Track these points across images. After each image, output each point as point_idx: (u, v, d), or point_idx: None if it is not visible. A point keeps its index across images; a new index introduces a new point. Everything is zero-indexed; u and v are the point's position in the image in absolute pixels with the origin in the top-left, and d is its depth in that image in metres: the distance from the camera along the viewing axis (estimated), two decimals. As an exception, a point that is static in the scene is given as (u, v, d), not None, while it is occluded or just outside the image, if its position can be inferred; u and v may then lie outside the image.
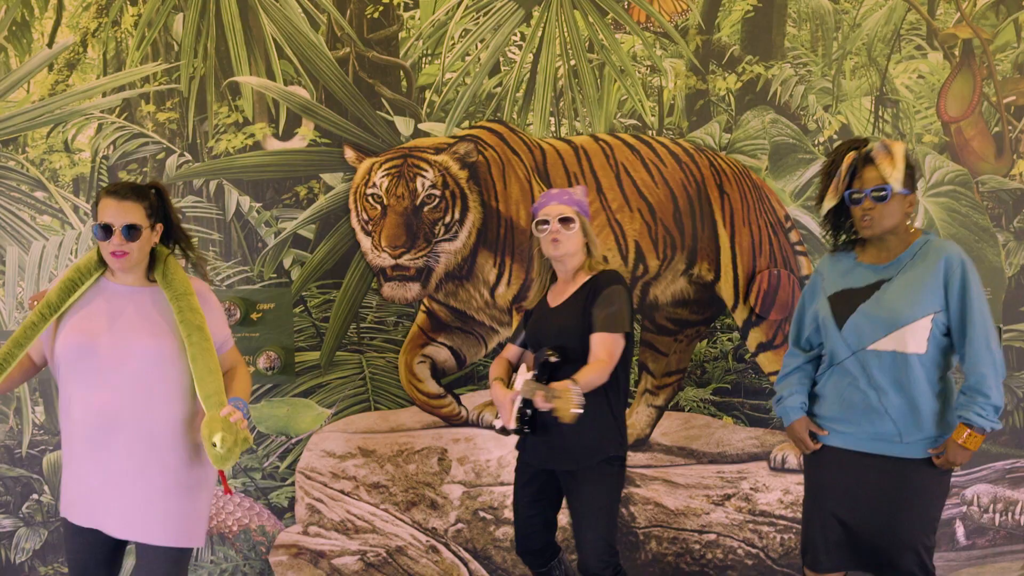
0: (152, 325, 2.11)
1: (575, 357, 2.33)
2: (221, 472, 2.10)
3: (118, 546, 2.19)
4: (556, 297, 2.47)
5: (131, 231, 2.06)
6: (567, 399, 2.10)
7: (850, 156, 2.23)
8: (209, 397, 2.07)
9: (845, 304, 2.26)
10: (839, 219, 2.33)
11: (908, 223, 2.25)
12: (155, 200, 2.14)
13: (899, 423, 2.20)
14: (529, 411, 2.30)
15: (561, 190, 2.48)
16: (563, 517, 3.06)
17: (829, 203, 2.26)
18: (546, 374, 2.31)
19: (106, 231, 2.05)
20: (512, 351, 2.59)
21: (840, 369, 2.28)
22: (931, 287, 2.17)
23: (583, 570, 2.42)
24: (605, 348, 2.32)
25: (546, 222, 2.42)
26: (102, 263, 2.13)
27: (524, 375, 2.37)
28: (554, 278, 2.54)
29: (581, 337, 2.36)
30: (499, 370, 2.54)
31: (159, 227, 2.15)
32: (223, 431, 2.00)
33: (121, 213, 2.06)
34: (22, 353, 2.07)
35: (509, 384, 2.48)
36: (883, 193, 2.17)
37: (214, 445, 1.99)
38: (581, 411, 2.09)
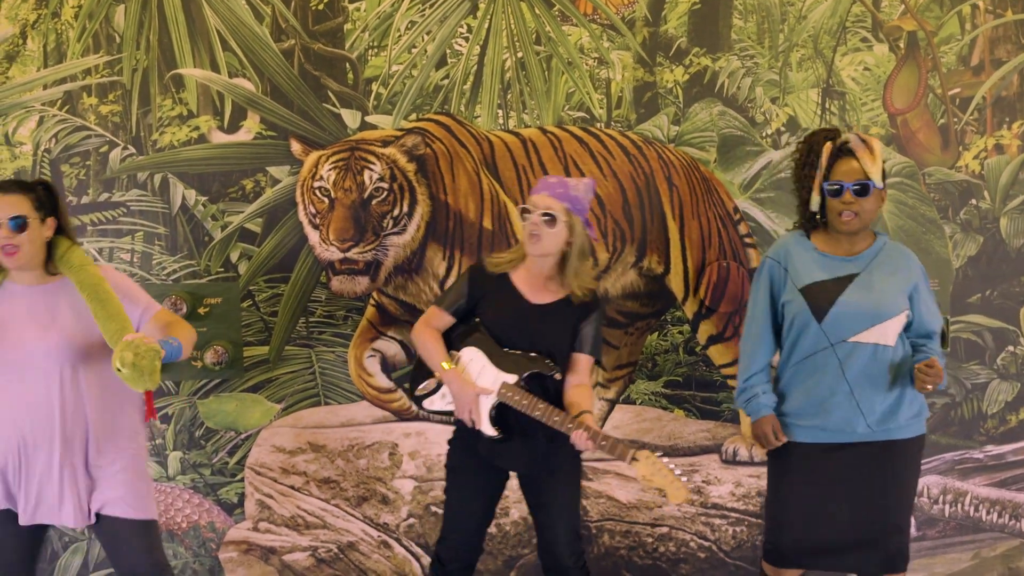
0: (57, 319, 2.11)
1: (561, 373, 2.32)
2: (147, 394, 2.08)
3: (39, 538, 2.21)
4: (535, 291, 2.31)
5: (18, 223, 2.04)
6: (671, 480, 2.06)
7: (828, 146, 2.22)
8: (114, 334, 2.01)
9: (821, 296, 2.23)
10: (810, 213, 2.29)
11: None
12: (43, 194, 2.12)
13: (868, 415, 2.22)
14: (495, 414, 2.26)
15: (560, 180, 2.30)
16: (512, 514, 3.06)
17: (816, 201, 2.24)
18: (529, 385, 2.26)
19: None
20: (444, 320, 2.36)
21: (810, 363, 2.26)
22: (903, 287, 2.24)
23: (554, 565, 2.39)
24: (590, 374, 2.35)
25: (528, 212, 2.22)
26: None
27: (493, 372, 2.27)
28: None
29: (568, 351, 2.33)
30: (442, 348, 2.32)
31: (51, 221, 2.12)
32: (121, 351, 1.92)
33: (5, 206, 2.04)
34: None
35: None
36: (866, 188, 2.18)
37: (119, 370, 1.92)
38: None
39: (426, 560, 3.12)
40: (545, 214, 2.21)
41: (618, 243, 3.06)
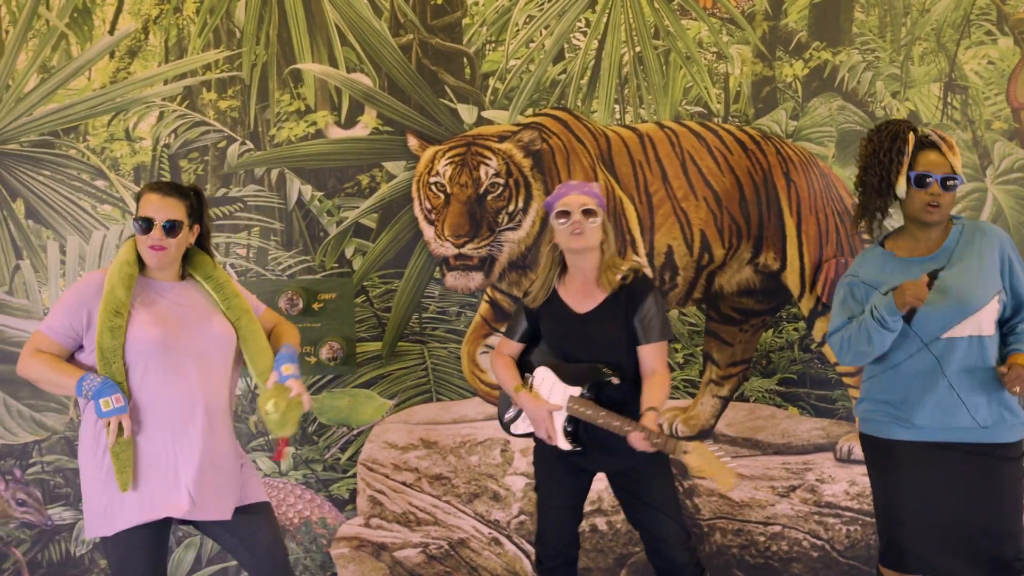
0: (212, 313, 2.20)
1: (624, 372, 2.31)
2: (281, 440, 2.18)
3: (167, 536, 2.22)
4: (579, 301, 2.36)
5: (171, 226, 2.10)
6: (721, 468, 2.05)
7: (912, 137, 2.20)
8: (263, 373, 2.18)
9: None
10: (879, 202, 2.26)
11: None
12: (195, 201, 2.19)
13: (972, 409, 2.17)
14: (571, 427, 2.30)
15: (580, 182, 2.44)
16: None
17: (903, 185, 2.21)
18: (595, 392, 2.28)
19: (147, 225, 2.09)
20: (512, 348, 2.49)
21: (907, 365, 2.21)
22: (992, 269, 2.19)
23: (668, 566, 2.38)
24: (661, 359, 2.34)
25: (567, 213, 2.30)
26: (139, 260, 2.15)
27: (561, 387, 2.31)
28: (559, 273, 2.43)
29: (628, 350, 2.32)
30: (514, 374, 2.44)
31: (196, 228, 2.20)
32: (275, 397, 2.09)
33: (163, 208, 2.10)
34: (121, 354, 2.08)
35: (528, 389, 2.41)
36: (955, 182, 2.18)
37: (268, 413, 2.09)
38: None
39: (536, 557, 3.11)
40: (585, 210, 2.28)
41: (734, 239, 3.03)
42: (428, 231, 3.01)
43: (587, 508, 3.01)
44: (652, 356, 2.32)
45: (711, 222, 3.01)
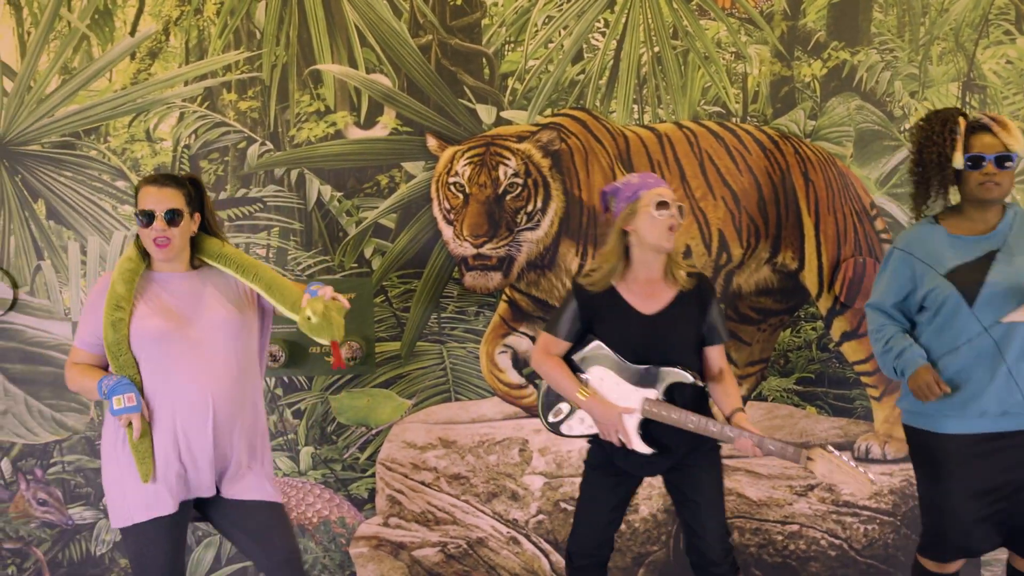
0: (222, 301, 2.19)
1: (696, 373, 2.30)
2: (333, 344, 2.14)
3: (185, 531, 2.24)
4: (644, 301, 2.28)
5: (172, 216, 2.10)
6: (852, 473, 2.04)
7: (963, 121, 2.22)
8: (294, 303, 2.13)
9: (968, 278, 2.20)
10: (940, 178, 2.27)
11: None
12: (192, 190, 2.18)
13: None
14: (642, 430, 2.26)
15: (657, 176, 2.39)
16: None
17: (960, 159, 2.21)
18: (667, 394, 2.25)
19: (148, 218, 2.09)
20: (561, 347, 2.34)
21: (965, 350, 2.21)
22: None
23: (702, 562, 2.37)
24: (724, 358, 2.35)
25: (668, 205, 2.19)
26: (144, 256, 2.16)
27: (629, 389, 2.26)
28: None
29: (698, 351, 2.32)
30: (572, 376, 2.30)
31: (197, 216, 2.19)
32: (310, 304, 2.04)
33: (162, 199, 2.10)
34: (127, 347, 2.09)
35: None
36: (1011, 161, 2.19)
37: (309, 319, 2.03)
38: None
39: (555, 557, 3.11)
40: (679, 206, 2.24)
41: (752, 239, 3.03)
42: (447, 231, 3.02)
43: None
44: (719, 356, 2.34)
45: (729, 222, 3.02)
